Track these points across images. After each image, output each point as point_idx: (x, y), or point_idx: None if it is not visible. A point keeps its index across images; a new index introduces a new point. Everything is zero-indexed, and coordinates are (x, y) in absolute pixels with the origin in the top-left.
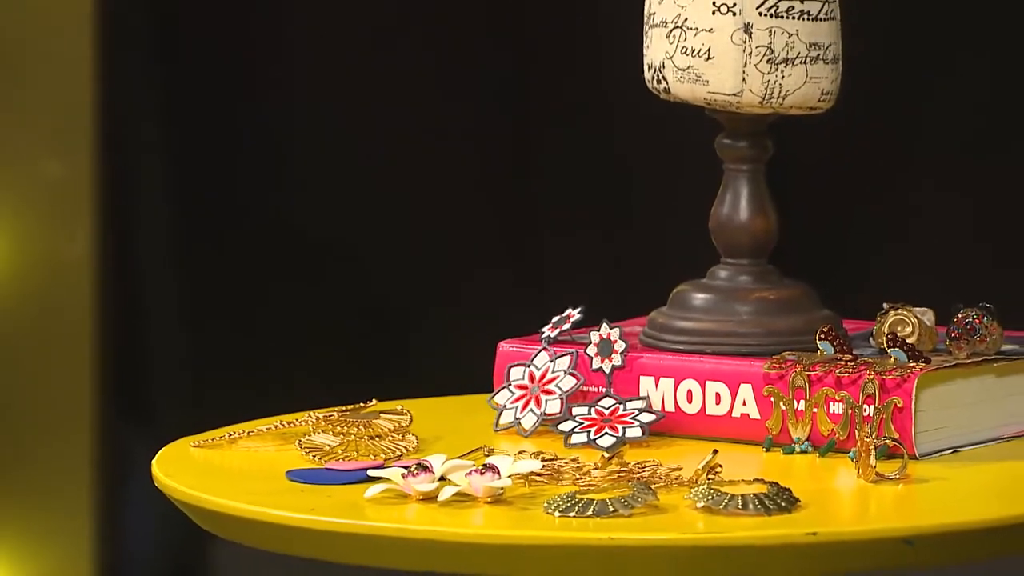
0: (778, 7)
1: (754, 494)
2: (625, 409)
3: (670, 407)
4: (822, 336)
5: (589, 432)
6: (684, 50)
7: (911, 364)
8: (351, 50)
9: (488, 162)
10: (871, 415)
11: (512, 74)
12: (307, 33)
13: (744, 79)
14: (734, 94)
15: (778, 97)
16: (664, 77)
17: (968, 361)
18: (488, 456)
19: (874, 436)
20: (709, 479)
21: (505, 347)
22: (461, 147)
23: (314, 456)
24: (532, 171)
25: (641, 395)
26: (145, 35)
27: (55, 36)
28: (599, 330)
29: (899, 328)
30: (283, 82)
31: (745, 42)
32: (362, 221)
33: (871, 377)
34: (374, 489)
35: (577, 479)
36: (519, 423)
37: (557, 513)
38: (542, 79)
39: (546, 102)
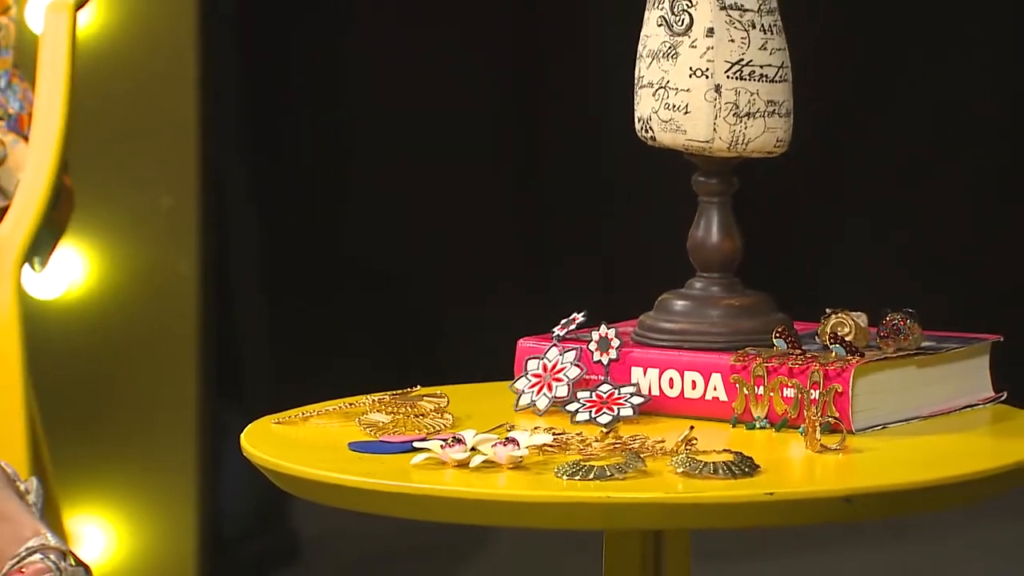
0: (742, 71)
1: (723, 461)
2: (619, 393)
3: (655, 392)
4: (777, 335)
5: (591, 412)
6: (667, 106)
7: (849, 357)
8: (411, 106)
9: (509, 198)
10: (817, 398)
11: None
12: (368, 95)
13: (715, 129)
14: (707, 141)
15: (742, 144)
16: (651, 127)
17: (894, 355)
18: (510, 431)
19: (819, 415)
20: (687, 449)
21: (523, 343)
22: (486, 187)
23: (370, 431)
24: (546, 208)
25: (632, 382)
26: (238, 95)
27: (167, 96)
28: (599, 330)
29: (839, 328)
30: (345, 134)
31: (716, 100)
32: (408, 246)
33: (817, 368)
34: (418, 457)
35: (581, 449)
36: (534, 404)
37: (565, 477)
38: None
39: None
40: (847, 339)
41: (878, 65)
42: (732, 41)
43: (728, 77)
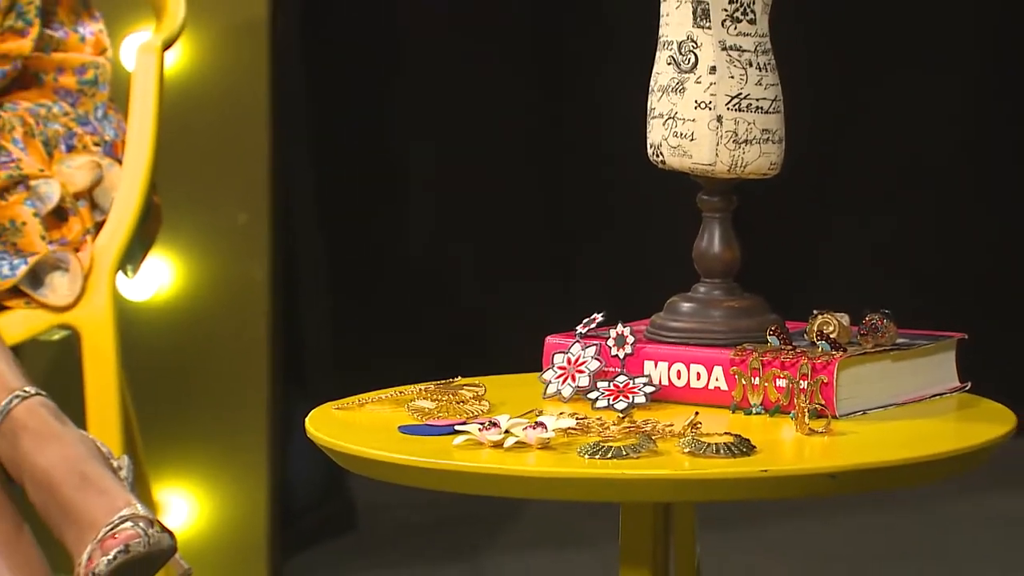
0: (740, 104)
1: (724, 443)
2: (634, 383)
3: (665, 382)
4: (771, 333)
5: (609, 399)
6: (675, 134)
7: (833, 352)
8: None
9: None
10: (805, 388)
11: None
12: (416, 125)
13: (717, 154)
14: (710, 165)
15: (741, 167)
16: (662, 153)
17: (873, 350)
18: (538, 416)
19: (808, 402)
20: (692, 432)
21: (551, 340)
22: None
23: (417, 416)
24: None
25: (645, 374)
26: (304, 125)
27: (242, 125)
28: (616, 328)
29: (825, 327)
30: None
31: (717, 129)
32: (452, 254)
33: (805, 361)
34: (459, 439)
35: (600, 432)
36: (560, 393)
37: (586, 456)
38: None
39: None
40: (832, 336)
41: (859, 88)
42: (732, 78)
43: (728, 109)
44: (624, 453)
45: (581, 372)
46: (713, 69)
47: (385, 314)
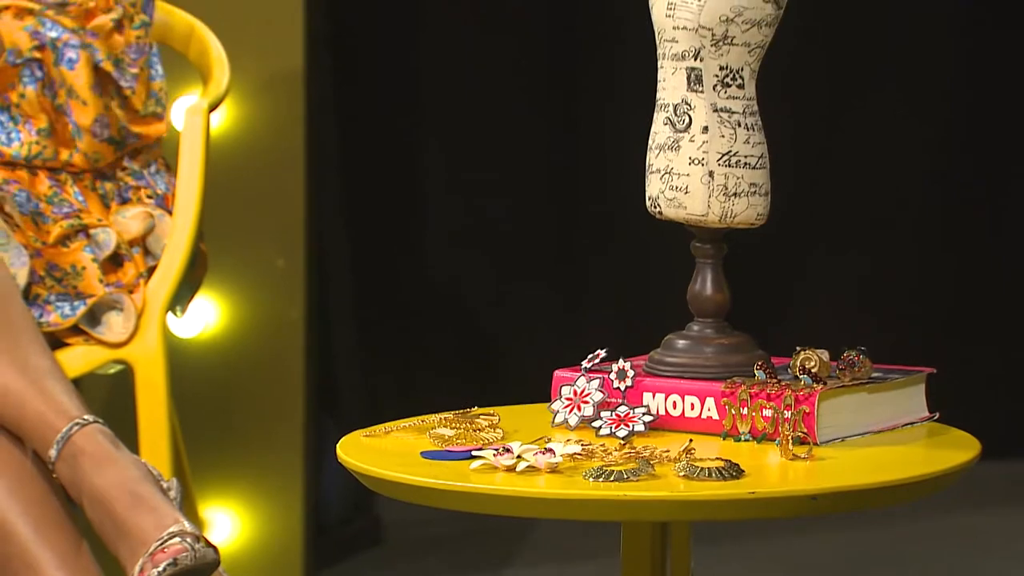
0: (730, 160)
1: (715, 467)
2: (634, 413)
3: (662, 412)
4: (758, 367)
5: (611, 427)
6: (671, 188)
7: (814, 385)
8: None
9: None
10: (789, 417)
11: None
12: (438, 179)
13: (709, 206)
14: (702, 215)
15: (730, 217)
16: (659, 204)
17: (850, 383)
18: (547, 443)
19: (791, 430)
20: (687, 457)
21: (558, 373)
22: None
23: (438, 442)
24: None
25: (644, 404)
26: (337, 179)
27: (281, 180)
28: (617, 363)
29: (807, 362)
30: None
31: (709, 183)
32: (469, 296)
33: (789, 393)
34: (476, 463)
35: (604, 457)
36: (567, 422)
37: (591, 479)
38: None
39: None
40: (813, 371)
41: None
42: (723, 137)
43: (719, 165)
44: (625, 476)
45: (586, 403)
46: (705, 129)
47: (409, 350)
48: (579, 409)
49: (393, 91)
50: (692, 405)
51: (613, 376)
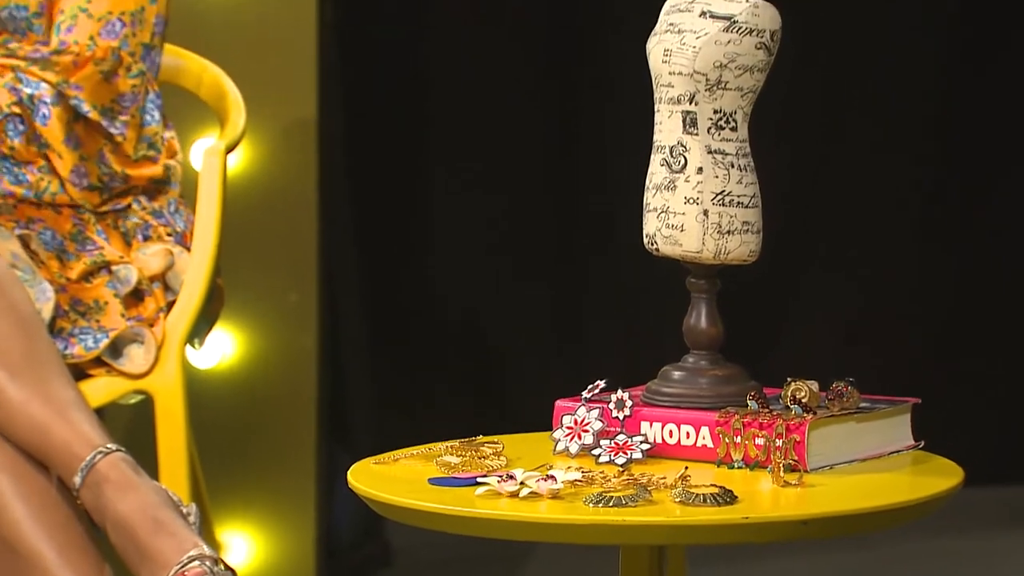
0: (724, 200)
1: (710, 493)
2: (632, 441)
3: (659, 440)
4: (751, 397)
5: (611, 455)
6: (668, 226)
7: (805, 415)
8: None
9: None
10: (781, 445)
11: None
12: (445, 222)
13: (704, 243)
14: (697, 252)
15: (724, 254)
16: (656, 242)
17: (839, 413)
18: (549, 470)
19: (783, 458)
20: (682, 484)
21: (560, 403)
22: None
23: (444, 469)
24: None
25: (641, 433)
26: (347, 217)
27: (295, 218)
28: (616, 394)
29: (797, 393)
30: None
31: (704, 221)
32: (473, 330)
33: (781, 423)
34: (480, 489)
35: (603, 484)
36: (568, 449)
37: (591, 504)
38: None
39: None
40: (803, 401)
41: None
42: (717, 177)
43: (713, 204)
44: (624, 502)
45: (586, 431)
46: (700, 170)
47: (417, 381)
48: (579, 437)
49: (402, 129)
50: (688, 434)
51: (612, 406)
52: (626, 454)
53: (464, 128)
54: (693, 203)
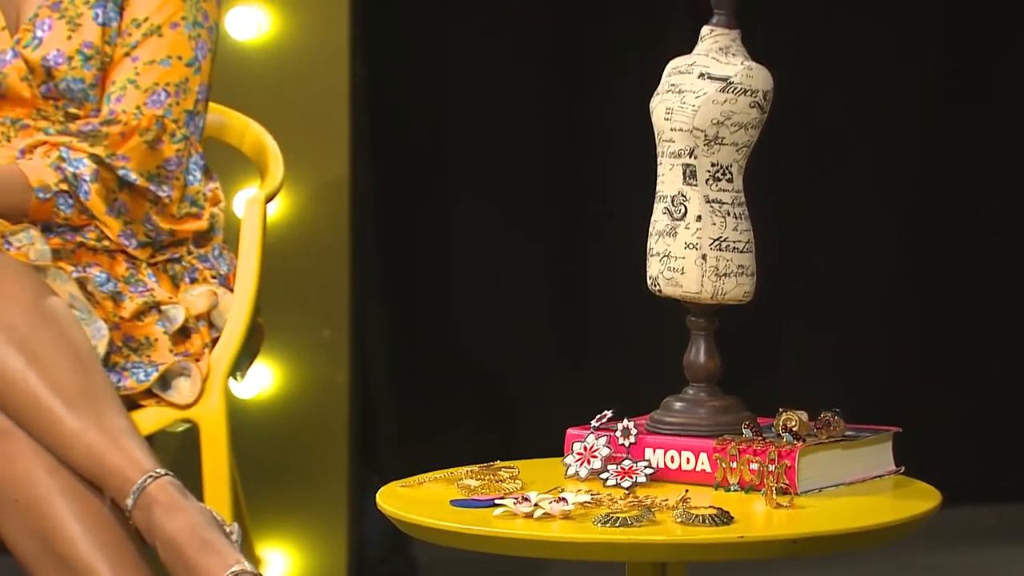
0: (721, 245)
1: (708, 514)
2: (637, 466)
3: (662, 465)
4: (745, 426)
5: (617, 479)
6: (669, 269)
7: (795, 442)
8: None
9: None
10: (773, 470)
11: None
12: (468, 260)
13: (702, 285)
14: (696, 293)
15: (721, 295)
16: (659, 283)
17: (826, 441)
18: (561, 492)
19: (775, 482)
20: (683, 505)
21: (571, 432)
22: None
23: (465, 492)
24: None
25: (646, 458)
26: (377, 261)
27: (328, 262)
28: (622, 422)
29: (788, 422)
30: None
31: (702, 265)
32: (496, 357)
33: (773, 449)
34: (498, 511)
35: (610, 505)
36: (578, 474)
37: (599, 524)
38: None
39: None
40: (794, 429)
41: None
42: (714, 224)
43: (711, 249)
44: (629, 522)
45: (595, 457)
46: (699, 218)
47: (440, 410)
48: (589, 463)
49: (427, 181)
50: (688, 459)
51: (619, 434)
52: (631, 478)
53: (480, 180)
54: (692, 248)
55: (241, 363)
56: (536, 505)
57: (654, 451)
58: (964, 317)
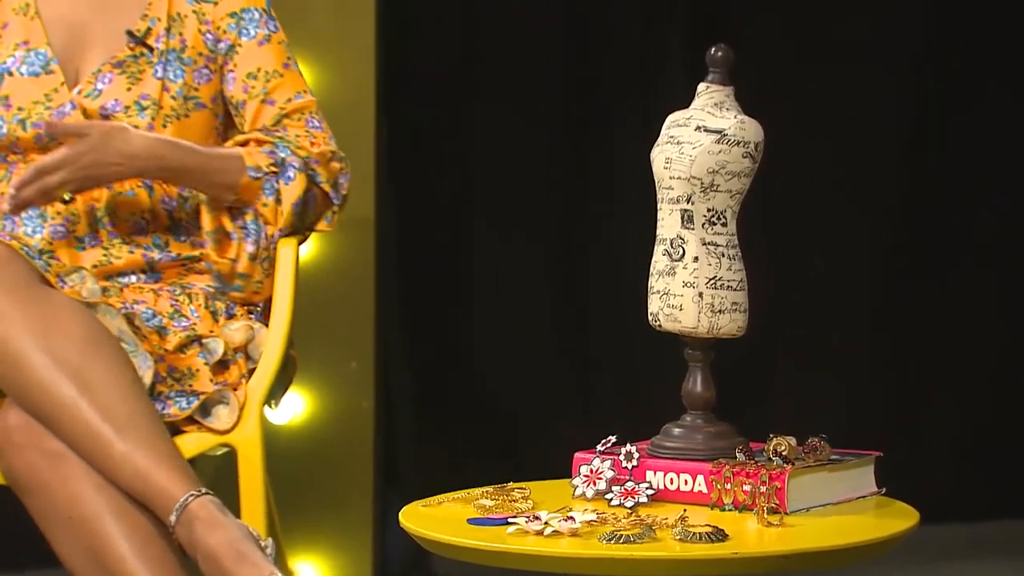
0: (716, 284)
1: (705, 532)
2: (639, 487)
3: (662, 486)
4: (739, 450)
5: (621, 499)
6: (668, 305)
7: (785, 466)
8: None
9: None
10: (765, 491)
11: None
12: (487, 297)
13: (699, 321)
14: (694, 328)
15: (716, 330)
16: (658, 319)
17: (814, 464)
18: (569, 511)
19: (766, 502)
20: (682, 524)
21: (578, 455)
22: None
23: (480, 511)
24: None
25: (647, 480)
26: (398, 299)
27: (354, 299)
28: (625, 447)
29: (778, 447)
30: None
31: (699, 302)
32: (509, 385)
33: (764, 472)
34: (511, 529)
35: (614, 523)
36: (584, 494)
37: (605, 541)
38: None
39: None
40: (783, 454)
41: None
42: (710, 265)
43: (707, 287)
44: (632, 539)
45: (600, 479)
46: (696, 259)
47: (458, 435)
48: (595, 484)
49: (447, 224)
50: (686, 481)
51: (622, 457)
52: (634, 498)
53: (498, 219)
54: (690, 287)
55: (275, 392)
56: (546, 523)
57: (655, 473)
58: (943, 355)
